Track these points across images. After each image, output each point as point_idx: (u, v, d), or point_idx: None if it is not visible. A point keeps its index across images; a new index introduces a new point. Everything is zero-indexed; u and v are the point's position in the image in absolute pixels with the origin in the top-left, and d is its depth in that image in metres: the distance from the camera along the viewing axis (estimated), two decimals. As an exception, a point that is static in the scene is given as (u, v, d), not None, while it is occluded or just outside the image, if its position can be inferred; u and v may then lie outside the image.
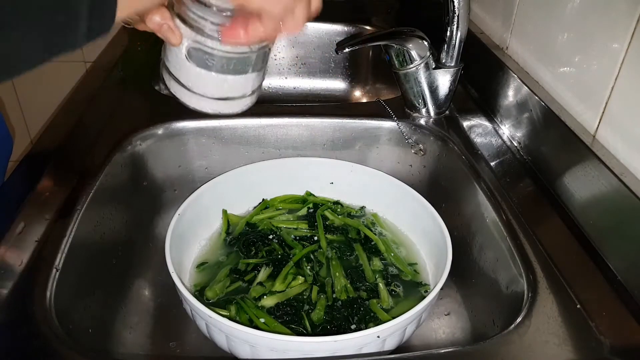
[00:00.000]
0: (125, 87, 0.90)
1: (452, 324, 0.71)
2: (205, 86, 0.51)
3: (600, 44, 0.62)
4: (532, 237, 0.61)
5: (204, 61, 0.49)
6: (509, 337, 0.50)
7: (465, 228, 0.73)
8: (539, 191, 0.69)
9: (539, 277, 0.56)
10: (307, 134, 0.85)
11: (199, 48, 0.48)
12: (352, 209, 0.82)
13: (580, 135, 0.64)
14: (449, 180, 0.79)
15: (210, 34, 0.47)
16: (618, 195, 0.57)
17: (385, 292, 0.67)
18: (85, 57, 1.45)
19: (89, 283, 0.62)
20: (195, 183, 0.82)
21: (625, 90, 0.59)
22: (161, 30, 0.46)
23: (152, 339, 0.68)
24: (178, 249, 0.66)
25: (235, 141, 0.83)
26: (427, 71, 0.81)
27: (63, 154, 0.73)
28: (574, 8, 0.67)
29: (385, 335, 0.55)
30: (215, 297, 0.66)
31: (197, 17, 0.46)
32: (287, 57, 1.19)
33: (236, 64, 0.50)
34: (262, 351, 0.55)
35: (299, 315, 0.63)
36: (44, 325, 0.50)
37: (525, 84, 0.75)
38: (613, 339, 0.50)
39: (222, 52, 0.49)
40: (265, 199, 0.82)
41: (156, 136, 0.79)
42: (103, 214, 0.68)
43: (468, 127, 0.83)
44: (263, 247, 0.73)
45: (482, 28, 0.93)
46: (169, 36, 0.46)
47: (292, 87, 1.21)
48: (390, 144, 0.85)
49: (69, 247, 0.59)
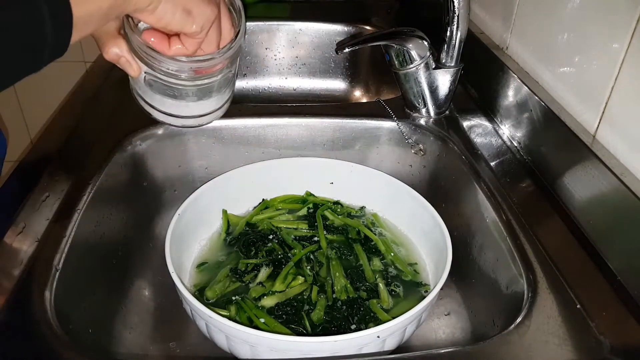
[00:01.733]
0: (125, 87, 0.89)
1: (452, 324, 0.71)
2: (169, 107, 0.53)
3: (600, 44, 0.62)
4: (532, 237, 0.61)
5: (163, 90, 0.51)
6: (509, 337, 0.50)
7: (465, 228, 0.73)
8: (539, 191, 0.69)
9: (539, 277, 0.56)
10: (307, 134, 0.85)
11: (156, 80, 0.49)
12: (352, 209, 0.82)
13: (580, 135, 0.64)
14: (449, 180, 0.79)
15: (162, 69, 0.48)
16: (618, 195, 0.57)
17: (385, 292, 0.67)
18: (85, 57, 1.45)
19: (89, 283, 0.62)
20: (195, 183, 0.82)
21: (625, 90, 0.59)
22: (119, 62, 0.49)
23: (152, 339, 0.68)
24: (178, 249, 0.66)
25: (235, 141, 0.83)
26: (427, 71, 0.81)
27: (63, 154, 0.73)
28: (574, 8, 0.67)
29: (385, 335, 0.55)
30: (215, 297, 0.66)
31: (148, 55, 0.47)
32: (287, 57, 1.19)
33: (195, 92, 0.52)
34: (262, 351, 0.55)
35: (299, 315, 0.63)
36: (44, 325, 0.50)
37: (525, 84, 0.75)
38: (613, 339, 0.50)
39: (180, 85, 0.50)
40: (265, 199, 0.82)
41: (156, 136, 0.79)
42: (103, 214, 0.68)
43: (468, 127, 0.83)
44: (263, 247, 0.73)
45: (482, 28, 0.93)
46: (126, 68, 0.49)
47: (292, 87, 1.21)
48: (390, 144, 0.85)
49: (69, 247, 0.59)
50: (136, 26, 0.46)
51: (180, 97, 0.51)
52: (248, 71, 1.19)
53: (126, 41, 0.47)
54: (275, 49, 1.18)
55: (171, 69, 0.48)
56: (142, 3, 0.42)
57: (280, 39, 1.17)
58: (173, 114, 0.53)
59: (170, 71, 0.48)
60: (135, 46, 0.47)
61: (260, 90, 1.21)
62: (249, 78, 1.19)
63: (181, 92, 0.51)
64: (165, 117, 0.53)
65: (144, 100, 0.53)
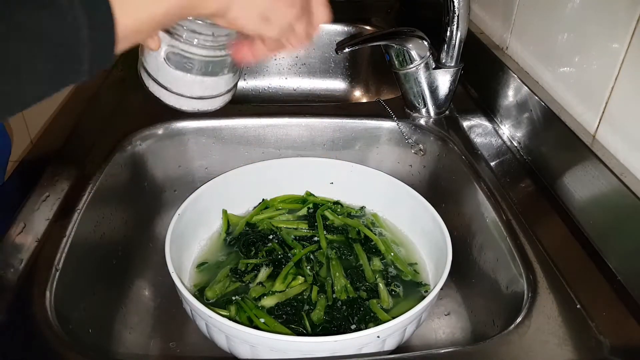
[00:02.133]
0: (125, 87, 0.89)
1: (452, 324, 0.71)
2: (183, 86, 0.52)
3: (600, 44, 0.62)
4: (532, 237, 0.61)
5: (182, 64, 0.50)
6: (509, 337, 0.50)
7: (465, 228, 0.73)
8: (539, 191, 0.69)
9: (539, 277, 0.56)
10: (307, 134, 0.84)
11: (177, 52, 0.49)
12: (352, 209, 0.82)
13: (580, 135, 0.64)
14: (449, 180, 0.79)
15: (188, 39, 0.48)
16: (618, 195, 0.57)
17: (385, 292, 0.67)
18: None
19: (89, 283, 0.62)
20: (195, 183, 0.82)
21: (625, 90, 0.59)
22: None
23: (152, 339, 0.68)
24: (178, 249, 0.66)
25: (235, 141, 0.83)
26: (427, 71, 0.81)
27: (63, 154, 0.73)
28: (574, 8, 0.67)
29: (385, 335, 0.55)
30: (215, 297, 0.66)
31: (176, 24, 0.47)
32: (287, 57, 1.19)
33: (213, 67, 0.51)
34: (262, 351, 0.55)
35: (299, 315, 0.63)
36: (44, 325, 0.50)
37: (525, 84, 0.75)
38: (613, 339, 0.50)
39: (199, 56, 0.50)
40: (265, 199, 0.82)
41: (156, 136, 0.79)
42: (103, 214, 0.68)
43: (468, 127, 0.83)
44: (263, 247, 0.73)
45: (482, 28, 0.93)
46: (147, 41, 0.47)
47: (292, 87, 1.21)
48: (390, 144, 0.85)
49: (69, 247, 0.59)
50: None
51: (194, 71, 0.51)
52: (248, 71, 1.19)
53: None
54: (275, 49, 1.17)
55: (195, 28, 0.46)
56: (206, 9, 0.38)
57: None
58: (183, 94, 0.53)
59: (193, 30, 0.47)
60: None
61: (260, 90, 1.20)
62: (249, 78, 1.19)
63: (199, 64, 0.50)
64: (176, 98, 0.52)
65: (153, 80, 0.52)
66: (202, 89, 0.53)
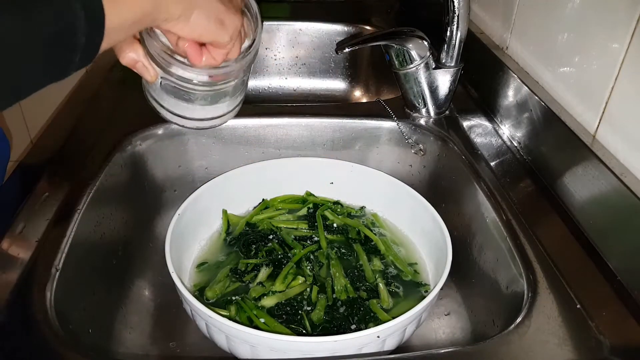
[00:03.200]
0: (125, 87, 0.89)
1: (452, 324, 0.71)
2: (185, 110, 0.53)
3: (600, 44, 0.62)
4: (532, 237, 0.61)
5: (179, 94, 0.51)
6: (509, 337, 0.50)
7: (465, 228, 0.73)
8: (539, 191, 0.69)
9: (539, 277, 0.56)
10: (307, 134, 0.85)
11: (172, 84, 0.49)
12: (352, 209, 0.82)
13: (580, 135, 0.64)
14: (449, 180, 0.79)
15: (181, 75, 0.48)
16: (618, 195, 0.57)
17: (385, 292, 0.67)
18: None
19: (89, 283, 0.62)
20: (195, 183, 0.82)
21: (625, 90, 0.59)
22: (136, 67, 0.48)
23: (152, 339, 0.68)
24: (178, 249, 0.66)
25: (235, 141, 0.83)
26: (427, 71, 0.81)
27: (63, 154, 0.73)
28: (574, 8, 0.67)
29: (385, 335, 0.55)
30: (215, 297, 0.66)
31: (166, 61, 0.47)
32: (287, 57, 1.19)
33: (213, 97, 0.52)
34: (262, 351, 0.55)
35: (299, 315, 0.63)
36: (44, 325, 0.50)
37: (525, 84, 0.75)
38: (613, 339, 0.50)
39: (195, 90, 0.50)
40: (265, 199, 0.82)
41: (156, 136, 0.79)
42: (103, 214, 0.68)
43: (468, 127, 0.83)
44: (263, 247, 0.73)
45: (482, 28, 0.93)
46: (143, 73, 0.48)
47: (292, 87, 1.21)
48: (390, 144, 0.85)
49: (69, 247, 0.59)
50: (153, 31, 0.46)
51: (195, 101, 0.51)
52: (248, 71, 1.19)
53: (143, 46, 0.47)
54: (275, 49, 1.17)
55: (188, 76, 0.48)
56: (175, 12, 0.41)
57: (280, 39, 1.17)
58: (186, 116, 0.53)
59: (187, 77, 0.48)
60: (153, 52, 0.46)
61: (260, 90, 1.21)
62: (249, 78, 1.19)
63: (196, 96, 0.51)
64: (178, 119, 0.53)
65: (157, 102, 0.53)
66: (204, 113, 0.53)
